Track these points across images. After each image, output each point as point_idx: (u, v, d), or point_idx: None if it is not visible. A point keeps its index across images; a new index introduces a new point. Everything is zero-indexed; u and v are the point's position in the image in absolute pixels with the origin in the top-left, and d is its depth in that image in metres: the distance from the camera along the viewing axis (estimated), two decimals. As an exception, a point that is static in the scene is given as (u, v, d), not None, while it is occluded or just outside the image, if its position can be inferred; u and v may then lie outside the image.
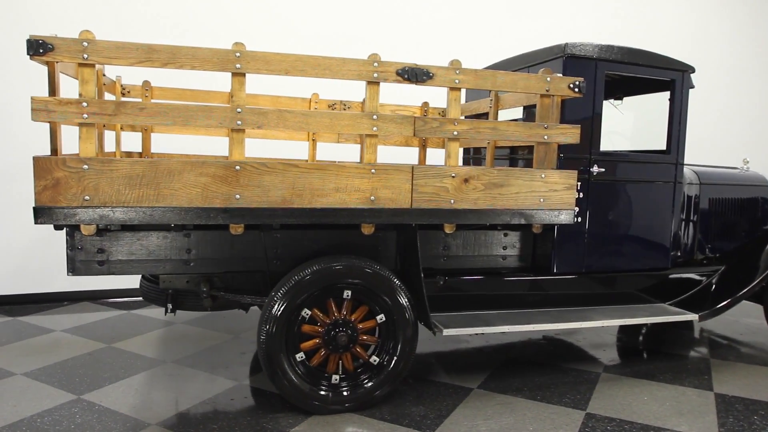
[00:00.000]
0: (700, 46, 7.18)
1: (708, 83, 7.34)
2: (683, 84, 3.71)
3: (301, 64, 2.67)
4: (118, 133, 3.93)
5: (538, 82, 3.03)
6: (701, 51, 7.08)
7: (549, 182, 3.10)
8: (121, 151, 3.97)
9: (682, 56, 3.63)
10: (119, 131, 3.93)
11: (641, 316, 3.56)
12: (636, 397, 3.28)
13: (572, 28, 6.51)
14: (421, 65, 2.83)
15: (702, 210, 4.10)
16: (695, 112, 7.13)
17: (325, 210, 2.77)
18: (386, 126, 2.82)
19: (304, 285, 2.88)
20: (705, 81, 7.27)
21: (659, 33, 6.93)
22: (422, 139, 4.67)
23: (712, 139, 7.13)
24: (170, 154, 4.16)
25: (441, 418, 2.99)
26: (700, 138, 7.26)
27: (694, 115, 7.14)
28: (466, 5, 6.16)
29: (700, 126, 7.33)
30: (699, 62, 6.58)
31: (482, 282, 3.48)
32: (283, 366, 2.90)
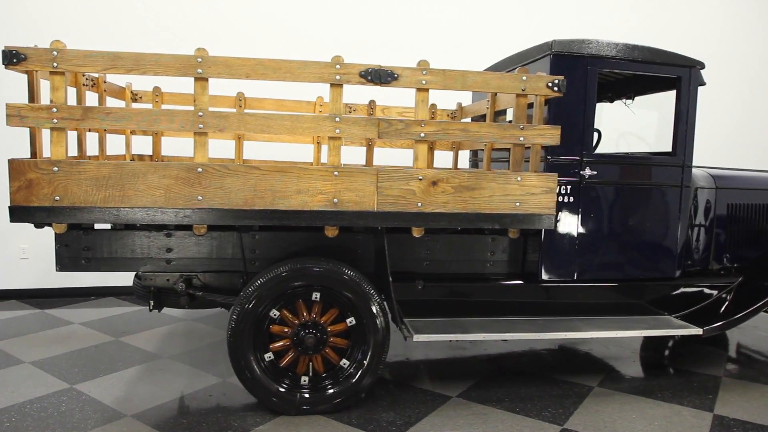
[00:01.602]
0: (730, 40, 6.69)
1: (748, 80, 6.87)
2: (690, 81, 3.46)
3: (261, 68, 2.71)
4: (128, 136, 4.13)
5: (513, 82, 2.92)
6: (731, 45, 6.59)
7: (526, 185, 2.98)
8: (131, 153, 4.17)
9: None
10: (129, 135, 4.13)
11: (637, 328, 3.35)
12: (623, 415, 3.09)
13: (582, 24, 6.26)
14: (385, 66, 2.80)
15: (718, 216, 3.80)
16: (724, 110, 6.73)
17: (287, 212, 2.79)
18: (349, 128, 2.81)
19: (270, 286, 2.91)
20: (742, 78, 6.83)
21: (679, 27, 6.53)
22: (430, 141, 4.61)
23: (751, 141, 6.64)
24: (179, 157, 4.32)
25: (408, 425, 2.94)
26: (734, 139, 6.82)
27: (725, 114, 6.73)
28: (475, 4, 6.04)
29: (737, 126, 6.87)
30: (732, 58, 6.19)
31: (463, 287, 3.38)
32: (251, 364, 2.95)
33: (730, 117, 6.85)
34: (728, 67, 6.79)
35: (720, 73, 6.79)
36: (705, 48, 6.71)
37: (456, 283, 3.39)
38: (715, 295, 3.73)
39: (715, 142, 6.65)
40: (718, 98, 6.79)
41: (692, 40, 6.64)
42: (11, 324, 4.44)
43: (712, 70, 6.75)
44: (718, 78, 6.77)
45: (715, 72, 6.73)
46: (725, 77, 6.79)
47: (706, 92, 6.75)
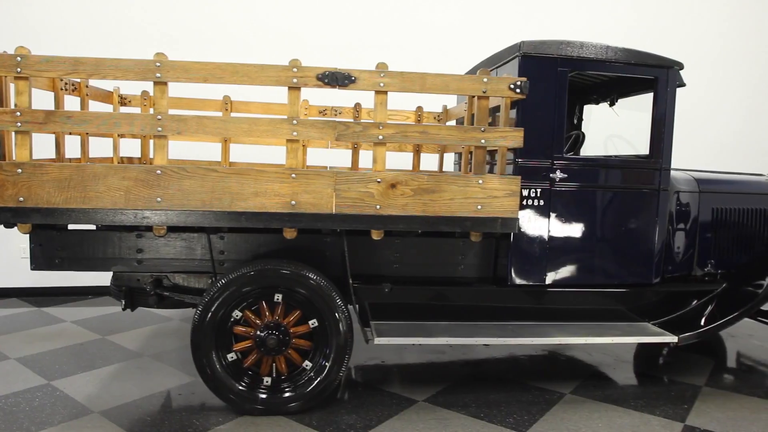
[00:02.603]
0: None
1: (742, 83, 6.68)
2: (668, 82, 3.37)
3: (219, 72, 2.75)
4: (116, 139, 4.23)
5: (474, 84, 2.90)
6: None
7: (488, 188, 2.95)
8: (119, 156, 4.27)
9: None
10: (116, 138, 4.23)
11: (610, 335, 3.27)
12: (589, 423, 3.02)
13: (580, 25, 6.17)
14: (342, 69, 2.81)
15: (702, 221, 3.69)
16: (718, 113, 6.55)
17: (245, 213, 2.83)
18: (307, 131, 2.83)
19: (231, 288, 2.94)
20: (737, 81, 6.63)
21: (680, 27, 6.37)
22: (416, 144, 4.60)
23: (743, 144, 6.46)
24: (182, 160, 4.40)
25: (367, 428, 2.93)
26: (724, 142, 6.62)
27: (720, 116, 6.54)
28: (475, 7, 6.00)
29: (728, 128, 6.68)
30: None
31: (433, 291, 3.36)
32: (212, 363, 2.98)
33: (734, 120, 6.66)
34: (733, 70, 6.61)
35: (725, 74, 6.62)
36: (707, 49, 6.56)
37: (426, 287, 3.36)
38: (697, 302, 3.62)
39: (717, 145, 6.48)
40: (723, 100, 6.62)
41: (694, 41, 6.49)
42: (6, 321, 4.59)
43: (715, 72, 6.63)
44: (722, 80, 6.61)
45: (720, 74, 6.58)
46: (730, 79, 6.60)
47: (712, 94, 6.62)
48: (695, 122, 6.69)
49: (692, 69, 6.56)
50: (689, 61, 6.50)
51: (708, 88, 6.60)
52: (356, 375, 3.69)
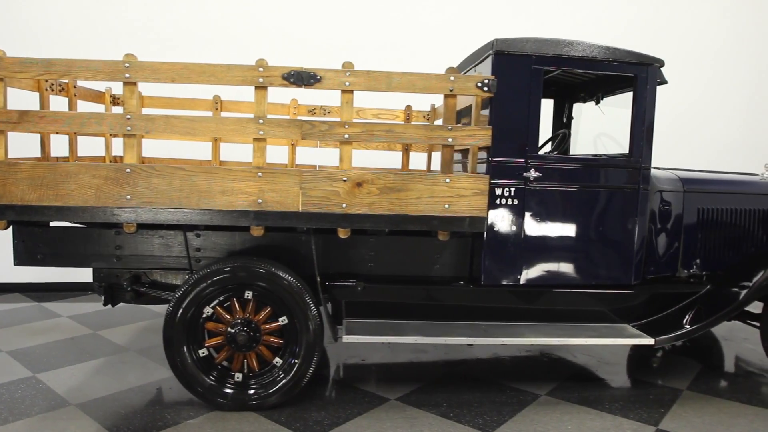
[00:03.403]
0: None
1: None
2: (648, 79, 3.31)
3: (186, 72, 2.79)
4: (108, 139, 4.32)
5: (440, 82, 2.89)
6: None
7: (455, 187, 2.94)
8: (111, 155, 4.36)
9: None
10: (108, 138, 4.32)
11: (584, 336, 3.23)
12: (559, 425, 2.99)
13: (578, 25, 6.08)
14: (308, 68, 2.83)
15: (686, 221, 3.61)
16: (720, 111, 6.39)
17: (212, 211, 2.87)
18: (273, 130, 2.86)
19: (200, 285, 2.99)
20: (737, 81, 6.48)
21: (679, 26, 6.23)
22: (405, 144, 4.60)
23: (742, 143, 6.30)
24: (179, 160, 4.48)
25: (334, 425, 2.95)
26: (726, 140, 6.47)
27: (721, 115, 6.39)
28: (470, 6, 5.97)
29: (729, 127, 6.53)
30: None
31: (408, 289, 3.36)
32: (184, 358, 3.03)
33: (736, 118, 6.51)
34: (734, 68, 6.45)
35: (726, 73, 6.48)
36: (707, 47, 6.42)
37: (401, 286, 3.36)
38: (681, 304, 3.54)
39: (719, 144, 6.35)
40: (724, 99, 6.48)
41: (693, 40, 6.36)
42: (4, 315, 4.73)
43: (716, 71, 6.48)
44: (723, 78, 6.46)
45: (721, 72, 6.43)
46: (731, 78, 6.45)
47: (713, 93, 6.48)
48: (696, 121, 6.58)
49: (692, 68, 6.48)
50: (688, 59, 6.45)
51: (708, 86, 6.48)
52: (334, 373, 3.71)
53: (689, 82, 6.51)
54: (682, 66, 6.46)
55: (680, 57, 6.44)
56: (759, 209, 3.75)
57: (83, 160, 4.01)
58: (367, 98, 4.52)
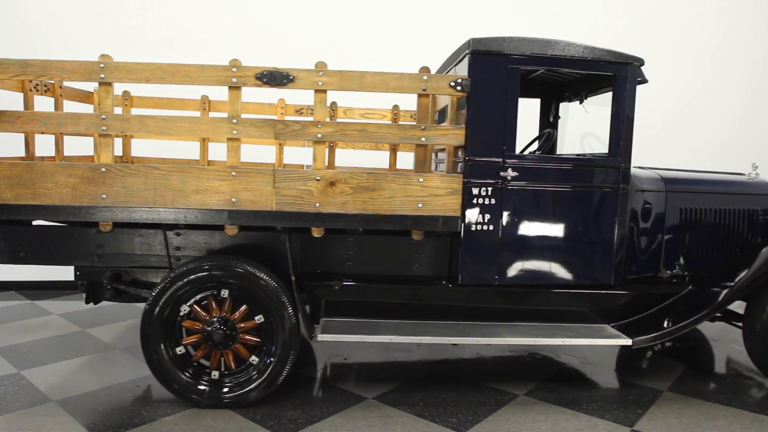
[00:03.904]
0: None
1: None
2: (627, 78, 3.29)
3: (160, 72, 2.82)
4: (97, 139, 4.36)
5: (413, 82, 2.90)
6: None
7: (428, 187, 2.94)
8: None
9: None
10: (97, 138, 4.36)
11: (562, 336, 3.22)
12: (533, 425, 2.98)
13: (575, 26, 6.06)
14: (281, 68, 2.84)
15: (668, 221, 3.59)
16: (716, 110, 6.34)
17: (187, 210, 2.89)
18: (246, 130, 2.88)
19: (176, 283, 3.01)
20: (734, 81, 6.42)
21: (675, 24, 6.17)
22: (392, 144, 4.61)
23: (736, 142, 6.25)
24: (168, 159, 4.52)
25: (308, 423, 2.97)
26: (725, 139, 6.42)
27: (718, 114, 6.34)
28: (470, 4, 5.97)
29: (727, 126, 6.49)
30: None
31: (388, 289, 3.36)
32: (161, 356, 3.06)
33: (732, 117, 6.46)
34: (731, 67, 6.39)
35: (723, 72, 6.42)
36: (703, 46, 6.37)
37: (380, 285, 3.37)
38: (663, 304, 3.52)
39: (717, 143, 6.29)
40: (721, 98, 6.42)
41: (690, 39, 6.31)
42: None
43: (712, 71, 6.42)
44: (720, 78, 6.41)
45: (717, 71, 6.38)
46: (727, 77, 6.40)
47: (710, 92, 6.43)
48: (693, 120, 6.52)
49: (689, 67, 6.42)
50: (685, 59, 6.40)
51: (705, 85, 6.43)
52: (315, 371, 3.73)
53: (686, 81, 6.47)
54: (679, 65, 6.42)
55: (677, 56, 6.41)
56: (743, 209, 3.72)
57: (71, 159, 4.06)
58: (358, 98, 4.56)
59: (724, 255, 3.70)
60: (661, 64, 6.33)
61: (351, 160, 4.93)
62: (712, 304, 3.32)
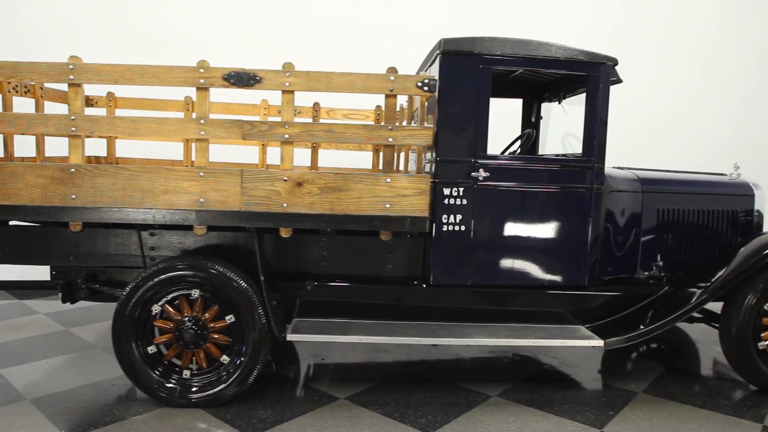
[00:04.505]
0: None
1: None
2: (600, 78, 3.28)
3: (129, 74, 2.84)
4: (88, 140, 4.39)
5: (380, 82, 2.90)
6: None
7: (396, 187, 2.94)
8: (85, 156, 4.44)
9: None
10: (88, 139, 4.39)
11: (533, 337, 3.21)
12: (502, 426, 2.97)
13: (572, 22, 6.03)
14: (248, 69, 2.85)
15: (645, 221, 3.57)
16: (710, 111, 6.30)
17: (156, 210, 2.91)
18: (214, 130, 2.89)
19: (148, 282, 3.03)
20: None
21: (670, 23, 6.13)
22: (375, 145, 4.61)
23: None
24: (153, 160, 4.56)
25: (277, 423, 2.97)
26: (719, 139, 6.38)
27: (712, 114, 6.31)
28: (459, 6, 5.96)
29: (721, 126, 6.45)
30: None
31: (360, 289, 3.36)
32: (132, 355, 3.08)
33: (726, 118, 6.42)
34: (725, 67, 6.35)
35: (716, 73, 6.38)
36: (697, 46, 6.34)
37: (353, 285, 3.37)
38: (639, 305, 3.50)
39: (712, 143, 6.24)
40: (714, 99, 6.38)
41: (684, 39, 6.28)
42: (-16, 312, 4.85)
43: (705, 72, 6.38)
44: (713, 78, 6.36)
45: (711, 72, 6.34)
46: (721, 77, 6.35)
47: (704, 93, 6.38)
48: (688, 121, 6.49)
49: (682, 69, 6.38)
50: (678, 59, 6.35)
51: (699, 86, 6.38)
52: (291, 371, 3.74)
53: (680, 82, 6.43)
54: (673, 67, 6.39)
55: (670, 57, 6.37)
56: (722, 210, 3.69)
57: (53, 160, 4.09)
58: (342, 100, 4.57)
59: (702, 256, 3.68)
60: (655, 65, 6.31)
61: (335, 161, 4.94)
62: (687, 305, 3.29)
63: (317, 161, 4.63)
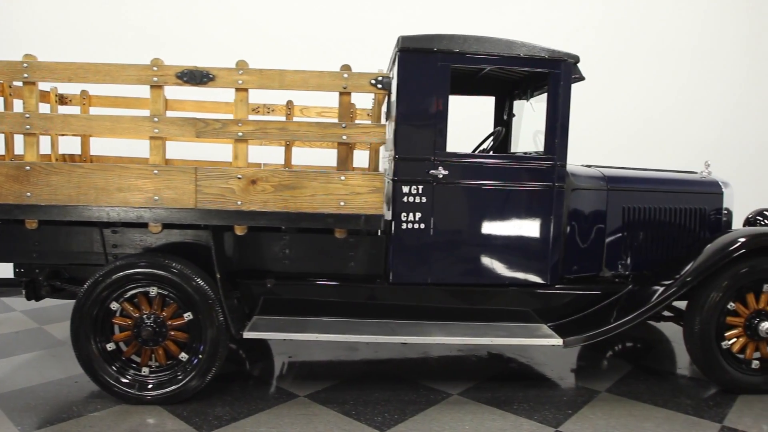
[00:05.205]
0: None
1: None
2: (561, 76, 3.26)
3: (82, 72, 2.85)
4: (54, 138, 4.42)
5: (333, 80, 2.89)
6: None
7: (350, 185, 2.94)
8: (58, 154, 4.46)
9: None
10: (54, 137, 4.41)
11: (492, 336, 3.19)
12: (456, 425, 2.96)
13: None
14: (201, 67, 2.86)
15: (610, 219, 3.55)
16: (700, 110, 6.26)
17: (110, 208, 2.92)
18: (167, 128, 2.90)
19: (106, 280, 3.04)
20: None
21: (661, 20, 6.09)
22: None
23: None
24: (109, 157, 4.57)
25: (233, 420, 2.98)
26: (709, 137, 6.34)
27: (702, 113, 6.27)
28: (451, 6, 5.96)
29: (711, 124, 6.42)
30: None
31: (320, 287, 3.36)
32: (90, 352, 3.09)
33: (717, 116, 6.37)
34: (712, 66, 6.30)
35: (704, 71, 6.33)
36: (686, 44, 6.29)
37: (315, 283, 3.38)
38: (602, 303, 3.48)
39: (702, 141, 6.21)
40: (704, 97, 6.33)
41: (672, 36, 6.23)
42: (-39, 309, 4.88)
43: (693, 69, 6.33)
44: (700, 76, 6.32)
45: (698, 70, 6.29)
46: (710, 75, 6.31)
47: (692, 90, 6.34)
48: (679, 120, 6.44)
49: (671, 66, 6.34)
50: (669, 56, 6.31)
51: (686, 85, 6.34)
52: (255, 369, 3.74)
53: (668, 80, 6.39)
54: (661, 65, 6.35)
55: (660, 56, 6.34)
56: (689, 208, 3.66)
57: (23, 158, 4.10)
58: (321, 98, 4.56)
59: (669, 254, 3.65)
60: (642, 63, 6.28)
61: (311, 159, 4.93)
62: (648, 304, 3.27)
63: (291, 159, 4.63)
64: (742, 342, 3.34)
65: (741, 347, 3.34)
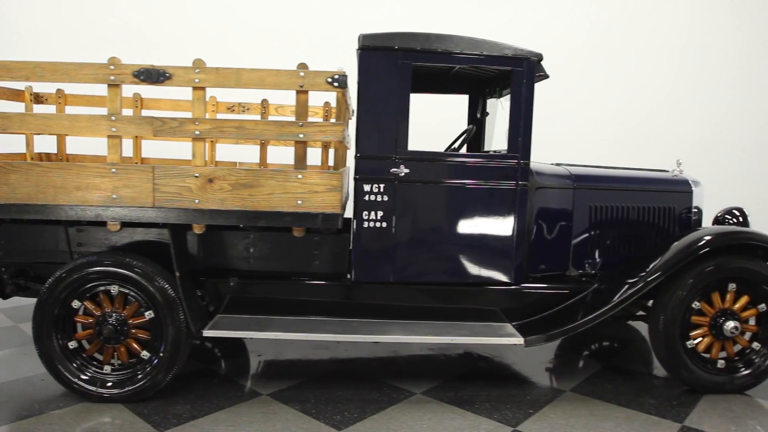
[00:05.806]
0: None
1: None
2: (524, 74, 3.25)
3: (39, 71, 2.86)
4: (29, 137, 4.43)
5: (290, 78, 2.89)
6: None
7: (308, 183, 2.94)
8: (34, 152, 4.47)
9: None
10: (30, 136, 4.43)
11: (454, 335, 3.18)
12: (415, 424, 2.96)
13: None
14: (158, 66, 2.86)
15: (577, 218, 3.53)
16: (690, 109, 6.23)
17: (69, 207, 2.92)
18: (125, 127, 2.90)
19: (67, 279, 3.05)
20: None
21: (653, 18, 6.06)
22: None
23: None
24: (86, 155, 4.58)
25: (191, 419, 2.98)
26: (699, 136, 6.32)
27: (692, 112, 6.24)
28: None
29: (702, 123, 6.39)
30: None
31: (283, 286, 3.37)
32: (52, 349, 3.10)
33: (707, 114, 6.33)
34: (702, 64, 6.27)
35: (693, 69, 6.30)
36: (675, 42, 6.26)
37: (278, 282, 3.38)
38: (567, 302, 3.46)
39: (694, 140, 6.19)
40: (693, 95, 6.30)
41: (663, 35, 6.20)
42: (-61, 308, 4.91)
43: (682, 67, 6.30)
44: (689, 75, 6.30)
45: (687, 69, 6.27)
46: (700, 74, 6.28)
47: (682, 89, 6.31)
48: (666, 119, 6.42)
49: (661, 65, 6.31)
50: (659, 54, 6.28)
51: (676, 83, 6.31)
52: (221, 367, 3.75)
53: (658, 79, 6.37)
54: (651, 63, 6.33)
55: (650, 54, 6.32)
56: (658, 206, 3.64)
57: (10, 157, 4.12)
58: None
59: (637, 253, 3.63)
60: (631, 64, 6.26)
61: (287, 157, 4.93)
62: (612, 302, 3.25)
63: (266, 158, 4.63)
64: (708, 341, 3.31)
65: (707, 347, 3.32)
